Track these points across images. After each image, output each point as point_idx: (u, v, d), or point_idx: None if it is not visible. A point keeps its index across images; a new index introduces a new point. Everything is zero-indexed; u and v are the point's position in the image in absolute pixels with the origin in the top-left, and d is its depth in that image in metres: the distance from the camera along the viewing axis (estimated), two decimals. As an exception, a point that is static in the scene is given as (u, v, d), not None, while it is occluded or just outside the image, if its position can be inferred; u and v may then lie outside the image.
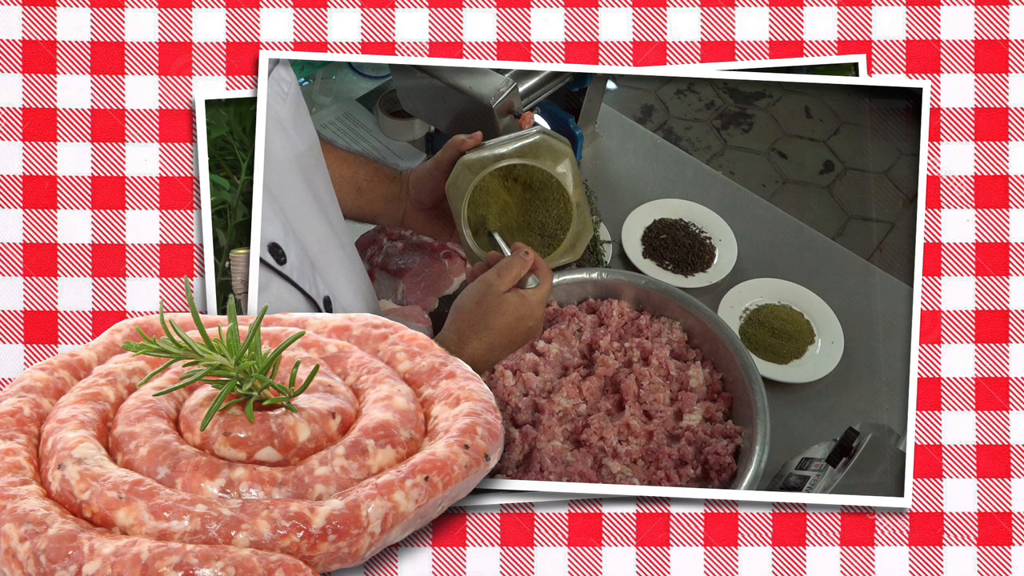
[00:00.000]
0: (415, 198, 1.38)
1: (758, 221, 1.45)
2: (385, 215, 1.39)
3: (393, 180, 1.38)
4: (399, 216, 1.39)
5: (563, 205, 1.33)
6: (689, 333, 1.39)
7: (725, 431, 1.33)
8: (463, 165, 1.32)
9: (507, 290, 1.28)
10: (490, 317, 1.27)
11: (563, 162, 1.32)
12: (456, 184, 1.32)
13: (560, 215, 1.33)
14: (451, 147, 1.35)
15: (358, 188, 1.37)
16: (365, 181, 1.37)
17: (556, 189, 1.33)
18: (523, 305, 1.28)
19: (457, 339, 1.28)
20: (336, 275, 1.32)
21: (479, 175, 1.32)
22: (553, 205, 1.33)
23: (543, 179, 1.33)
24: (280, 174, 1.26)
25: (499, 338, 1.28)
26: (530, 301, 1.29)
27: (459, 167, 1.33)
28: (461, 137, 1.34)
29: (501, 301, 1.28)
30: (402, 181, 1.38)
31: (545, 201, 1.33)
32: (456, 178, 1.32)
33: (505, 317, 1.28)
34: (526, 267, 1.30)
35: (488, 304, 1.28)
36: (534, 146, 1.32)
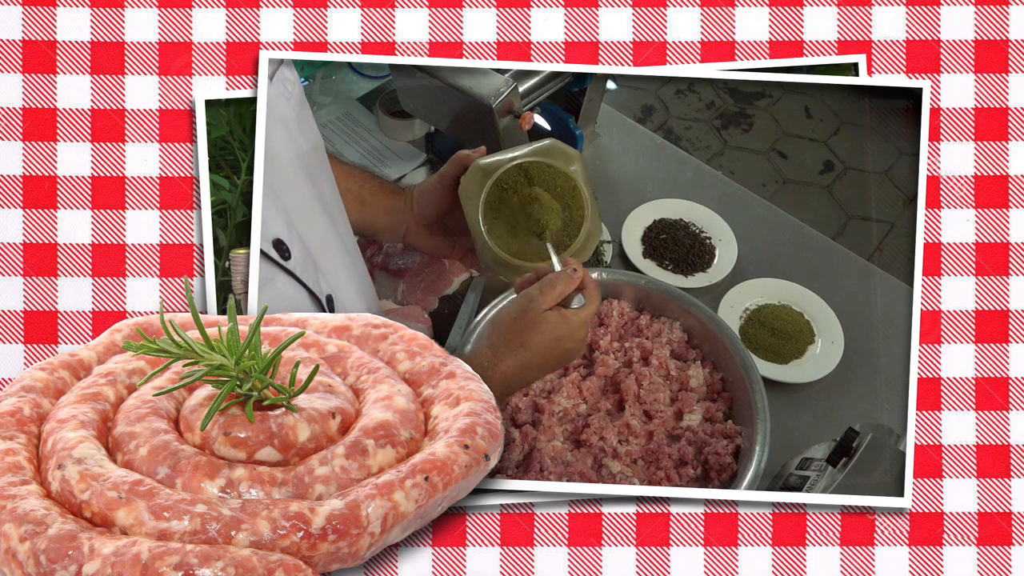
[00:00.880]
0: (419, 213, 1.38)
1: (758, 221, 1.45)
2: (387, 229, 1.39)
3: (397, 195, 1.38)
4: (401, 231, 1.39)
5: (577, 205, 1.33)
6: (689, 333, 1.39)
7: (725, 431, 1.34)
8: (477, 168, 1.32)
9: (549, 307, 1.23)
10: (528, 334, 1.22)
11: (575, 164, 1.32)
12: (470, 185, 1.32)
13: (573, 216, 1.33)
14: (456, 162, 1.34)
15: (362, 201, 1.36)
16: (369, 195, 1.37)
17: (570, 189, 1.32)
18: (563, 325, 1.23)
19: (491, 354, 1.24)
20: (338, 273, 1.32)
21: (495, 174, 1.31)
22: (567, 205, 1.33)
23: (557, 179, 1.32)
24: (284, 173, 1.26)
25: (535, 357, 1.23)
26: (572, 321, 1.24)
27: (473, 170, 1.32)
28: (465, 152, 1.33)
29: (541, 319, 1.23)
30: (405, 196, 1.38)
31: (558, 201, 1.33)
32: (469, 180, 1.32)
33: (543, 336, 1.23)
34: (572, 285, 1.25)
35: (527, 320, 1.23)
36: (546, 149, 1.32)
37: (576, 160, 1.32)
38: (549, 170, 1.32)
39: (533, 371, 1.24)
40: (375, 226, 1.38)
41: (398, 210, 1.38)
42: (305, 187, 1.30)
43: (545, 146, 1.32)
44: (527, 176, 1.32)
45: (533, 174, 1.32)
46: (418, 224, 1.38)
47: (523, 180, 1.32)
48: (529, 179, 1.32)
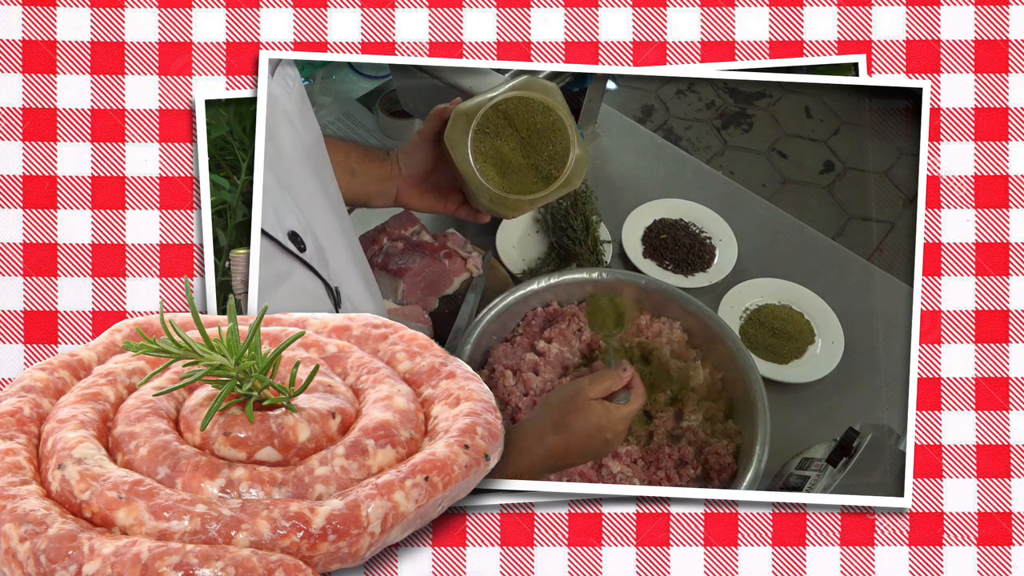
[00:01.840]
0: (407, 173, 1.39)
1: (758, 221, 1.45)
2: (379, 195, 1.40)
3: (384, 160, 1.40)
4: (392, 194, 1.40)
5: (560, 135, 1.33)
6: (689, 333, 1.39)
7: (725, 431, 1.33)
8: (458, 112, 1.33)
9: (596, 398, 1.29)
10: (572, 418, 1.28)
11: (554, 95, 1.33)
12: (454, 131, 1.33)
13: (559, 147, 1.33)
14: (433, 117, 1.36)
15: (352, 171, 1.38)
16: (357, 163, 1.39)
17: (551, 120, 1.33)
18: (606, 416, 1.28)
19: (537, 432, 1.28)
20: (345, 267, 1.33)
21: (477, 115, 1.32)
22: (552, 136, 1.33)
23: (536, 112, 1.33)
24: (290, 166, 1.27)
25: (576, 441, 1.28)
26: (614, 415, 1.29)
27: (455, 115, 1.33)
28: (442, 106, 1.36)
29: (587, 406, 1.28)
30: (392, 160, 1.40)
31: (542, 133, 1.33)
32: (453, 127, 1.33)
33: (586, 423, 1.28)
34: (620, 383, 1.30)
35: (574, 405, 1.28)
36: (524, 84, 1.33)
37: (555, 90, 1.33)
38: (528, 104, 1.33)
39: (573, 456, 1.29)
40: (367, 193, 1.40)
41: (387, 175, 1.39)
42: (311, 180, 1.31)
43: (522, 81, 1.33)
44: (506, 116, 1.33)
45: (512, 110, 1.33)
46: (408, 185, 1.40)
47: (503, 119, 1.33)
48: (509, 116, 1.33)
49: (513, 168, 1.34)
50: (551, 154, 1.33)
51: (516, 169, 1.34)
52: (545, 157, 1.33)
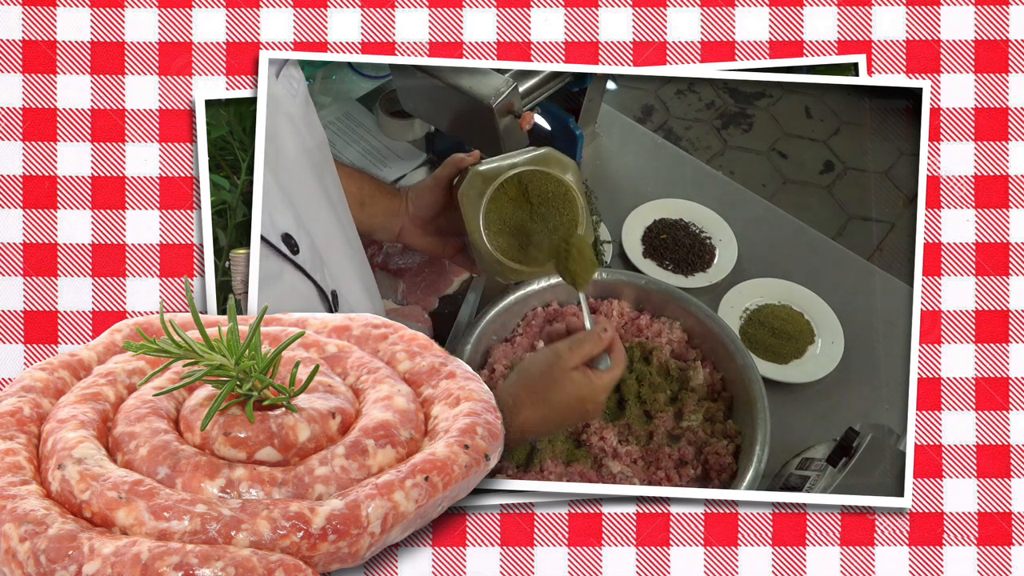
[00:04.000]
0: (414, 213, 1.39)
1: (758, 221, 1.45)
2: (383, 229, 1.41)
3: (394, 196, 1.40)
4: (396, 230, 1.41)
5: (573, 211, 1.33)
6: (689, 333, 1.39)
7: (725, 431, 1.34)
8: (477, 174, 1.33)
9: (575, 367, 1.24)
10: (551, 391, 1.23)
11: (570, 172, 1.33)
12: (470, 190, 1.33)
13: (566, 219, 1.33)
14: (450, 164, 1.36)
15: (361, 202, 1.38)
16: (368, 196, 1.39)
17: (567, 195, 1.33)
18: (587, 386, 1.24)
19: (512, 403, 1.24)
20: (344, 269, 1.33)
21: (496, 181, 1.32)
22: (564, 211, 1.33)
23: (554, 187, 1.33)
24: (291, 168, 1.27)
25: (554, 414, 1.24)
26: (595, 384, 1.24)
27: (473, 175, 1.33)
28: (460, 155, 1.35)
29: (566, 377, 1.23)
30: (402, 197, 1.40)
31: (556, 208, 1.33)
32: (469, 186, 1.33)
33: (565, 395, 1.23)
34: (601, 346, 1.25)
35: (552, 376, 1.23)
36: (543, 157, 1.33)
37: (571, 168, 1.33)
38: (544, 177, 1.33)
39: (551, 426, 1.25)
40: (372, 226, 1.40)
41: (395, 211, 1.39)
42: (311, 183, 1.31)
43: (542, 154, 1.33)
44: (521, 183, 1.33)
45: (528, 181, 1.33)
46: (413, 224, 1.40)
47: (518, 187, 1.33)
48: (524, 187, 1.33)
49: (520, 237, 1.34)
50: (557, 224, 1.33)
51: (522, 238, 1.34)
52: (551, 228, 1.33)
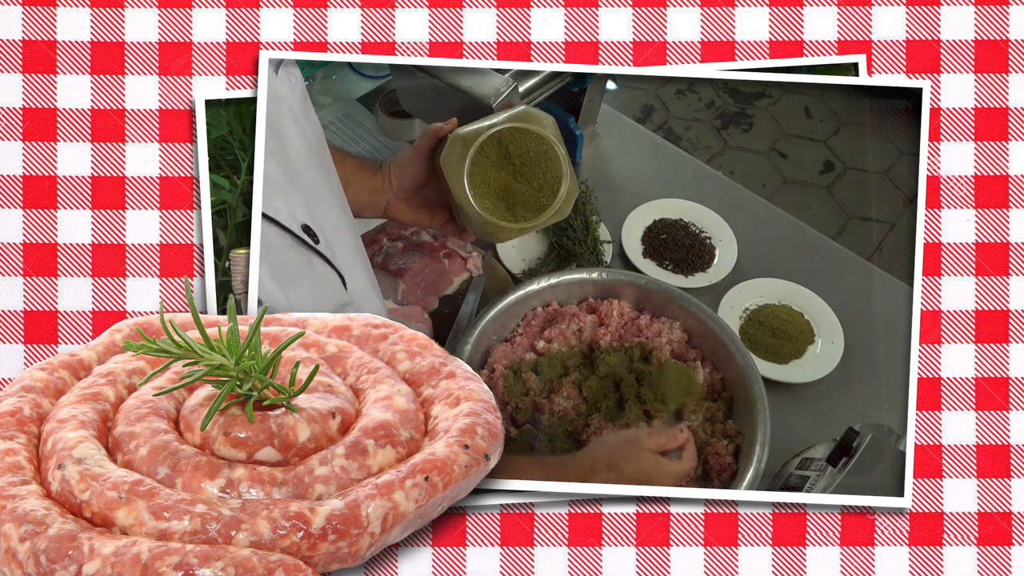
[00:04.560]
0: (398, 187, 1.40)
1: (758, 221, 1.45)
2: (369, 207, 1.41)
3: (376, 172, 1.41)
4: (382, 206, 1.41)
5: (556, 167, 1.34)
6: (689, 333, 1.39)
7: (725, 431, 1.33)
8: (457, 137, 1.34)
9: (650, 449, 1.30)
10: (624, 462, 1.29)
11: (549, 127, 1.34)
12: (451, 156, 1.34)
13: (550, 176, 1.34)
14: (429, 135, 1.37)
15: (345, 181, 1.39)
16: (351, 174, 1.40)
17: (547, 153, 1.34)
18: (656, 469, 1.30)
19: (589, 466, 1.29)
20: (351, 261, 1.34)
21: (476, 141, 1.33)
22: (547, 169, 1.34)
23: (534, 144, 1.34)
24: (297, 162, 1.28)
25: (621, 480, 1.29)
26: (664, 470, 1.30)
27: (453, 140, 1.34)
28: (438, 124, 1.36)
29: (640, 455, 1.30)
30: (384, 172, 1.40)
31: (539, 167, 1.34)
32: (450, 151, 1.34)
33: (636, 470, 1.29)
34: (676, 443, 1.31)
35: (628, 451, 1.30)
36: (521, 115, 1.34)
37: (550, 122, 1.34)
38: (524, 134, 1.34)
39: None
40: (358, 204, 1.41)
41: (378, 187, 1.41)
42: (317, 176, 1.32)
43: (519, 112, 1.34)
44: (501, 144, 1.34)
45: (507, 140, 1.34)
46: (398, 198, 1.41)
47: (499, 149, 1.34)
48: (505, 148, 1.34)
49: (505, 196, 1.35)
50: (541, 183, 1.35)
51: (508, 197, 1.35)
52: (536, 186, 1.35)
